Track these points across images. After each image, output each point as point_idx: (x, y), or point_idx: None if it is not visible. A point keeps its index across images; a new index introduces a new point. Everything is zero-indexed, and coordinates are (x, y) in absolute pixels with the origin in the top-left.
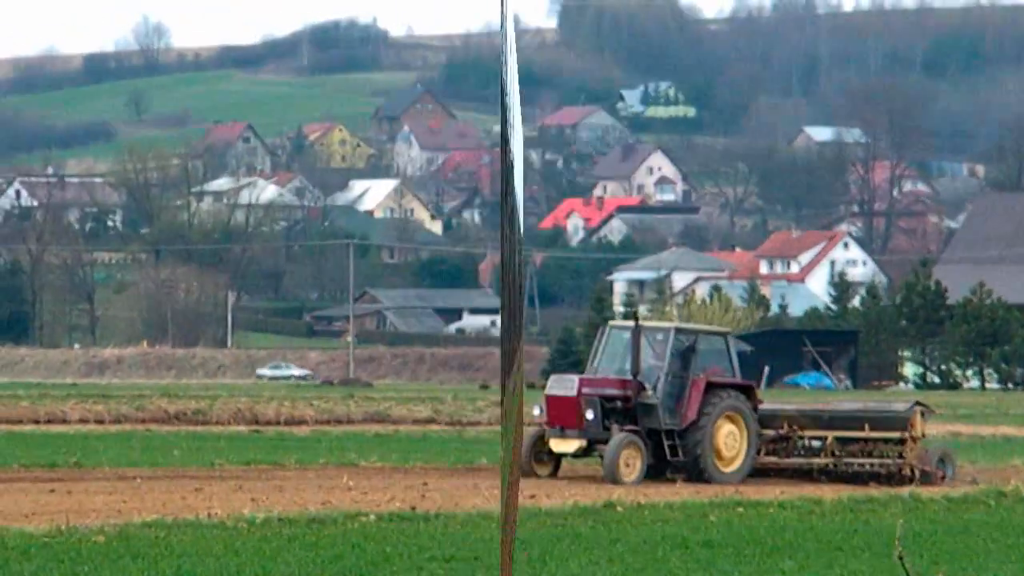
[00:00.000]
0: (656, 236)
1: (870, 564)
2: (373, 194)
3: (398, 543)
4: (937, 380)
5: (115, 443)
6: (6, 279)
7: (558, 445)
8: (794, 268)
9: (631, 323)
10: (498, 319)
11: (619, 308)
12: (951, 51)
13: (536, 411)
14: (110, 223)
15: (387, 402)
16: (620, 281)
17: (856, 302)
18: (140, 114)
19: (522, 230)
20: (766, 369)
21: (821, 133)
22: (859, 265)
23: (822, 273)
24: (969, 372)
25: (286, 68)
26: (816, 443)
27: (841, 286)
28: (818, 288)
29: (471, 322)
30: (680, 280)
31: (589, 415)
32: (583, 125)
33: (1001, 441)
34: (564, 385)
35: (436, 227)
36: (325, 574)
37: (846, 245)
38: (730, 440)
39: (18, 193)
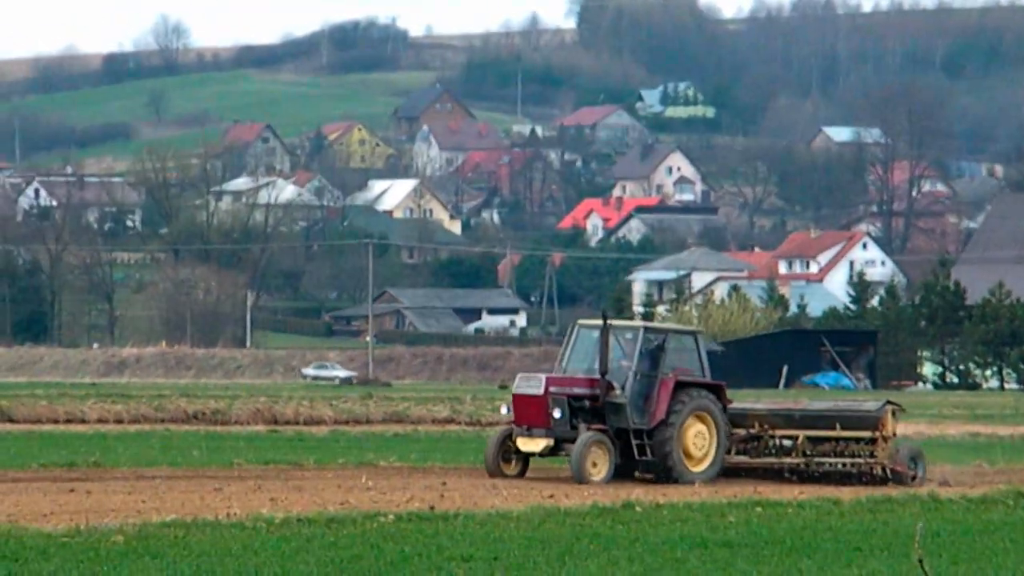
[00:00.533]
0: (675, 236)
1: (889, 564)
2: (392, 194)
3: (417, 543)
4: (956, 380)
5: (134, 443)
6: (25, 279)
7: (525, 444)
8: (813, 268)
9: (600, 322)
10: (517, 319)
11: (638, 308)
12: (970, 51)
13: (504, 410)
14: (129, 223)
15: (406, 402)
16: (639, 281)
17: (875, 302)
18: (159, 114)
19: None
20: (784, 369)
21: (840, 133)
22: (878, 265)
23: (841, 273)
24: (988, 372)
25: (305, 68)
26: (787, 442)
27: (860, 286)
28: (837, 288)
29: (490, 322)
30: (699, 280)
31: (556, 414)
32: (602, 125)
33: (1020, 442)
34: (531, 384)
35: (455, 227)
36: (344, 574)
37: (865, 245)
38: (699, 440)
39: (37, 192)
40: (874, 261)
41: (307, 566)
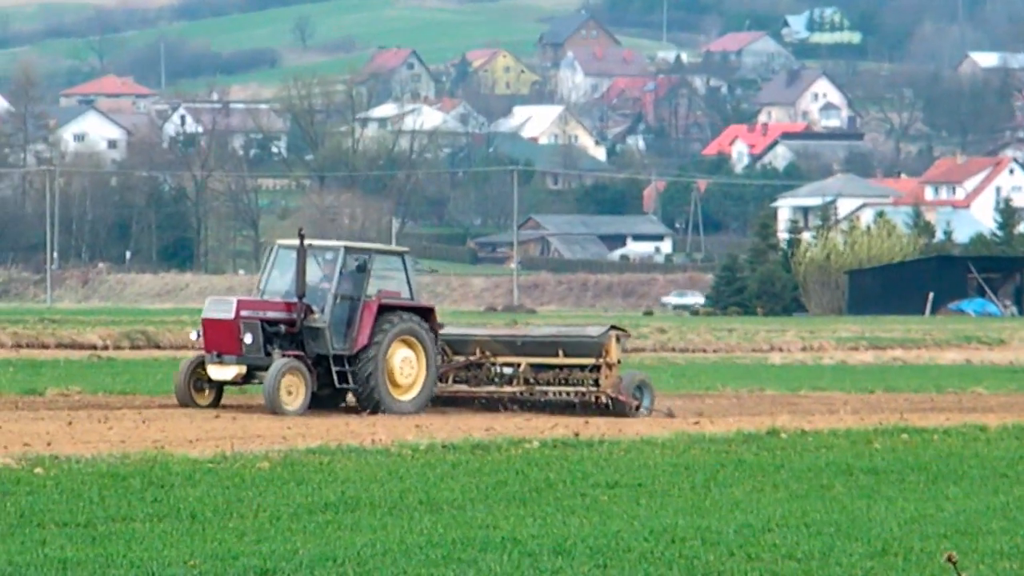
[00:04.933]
0: (821, 162)
1: None
2: (537, 120)
3: (562, 469)
4: None
5: None
6: (171, 205)
7: (216, 372)
8: (959, 194)
9: (297, 242)
10: (662, 245)
11: (783, 235)
12: None
13: (193, 335)
14: (274, 149)
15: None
16: (784, 207)
17: (1022, 228)
18: (305, 40)
19: None
20: (930, 296)
21: (987, 58)
22: None
23: (988, 199)
24: None
25: None
26: (508, 370)
27: (1007, 212)
28: (983, 214)
29: (635, 248)
30: (845, 207)
31: (248, 339)
32: (748, 51)
33: None
34: (221, 307)
35: (600, 153)
36: (489, 500)
37: (1012, 171)
38: (406, 366)
39: (183, 119)
40: (1021, 187)
41: (452, 492)
